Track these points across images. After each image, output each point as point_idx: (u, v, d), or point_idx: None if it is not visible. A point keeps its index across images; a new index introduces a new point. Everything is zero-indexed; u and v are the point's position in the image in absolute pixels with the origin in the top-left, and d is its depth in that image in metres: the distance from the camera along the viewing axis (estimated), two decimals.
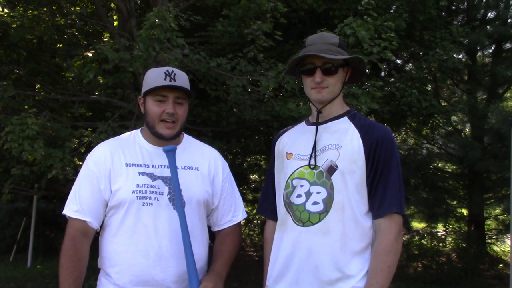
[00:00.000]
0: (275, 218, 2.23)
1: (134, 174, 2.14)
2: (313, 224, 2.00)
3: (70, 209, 2.15)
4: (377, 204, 1.97)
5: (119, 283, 2.10)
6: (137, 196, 2.10)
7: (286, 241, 2.07)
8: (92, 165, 2.19)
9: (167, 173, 2.15)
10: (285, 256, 2.06)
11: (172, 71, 2.18)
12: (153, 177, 2.15)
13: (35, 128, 5.10)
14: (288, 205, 2.10)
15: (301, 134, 2.19)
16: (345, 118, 2.12)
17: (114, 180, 2.14)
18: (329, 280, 1.95)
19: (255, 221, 12.24)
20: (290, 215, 2.08)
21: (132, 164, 2.17)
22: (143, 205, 2.10)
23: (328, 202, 1.99)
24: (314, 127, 2.13)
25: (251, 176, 11.69)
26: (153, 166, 2.18)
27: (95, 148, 2.28)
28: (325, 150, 2.05)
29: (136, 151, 2.22)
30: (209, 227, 2.38)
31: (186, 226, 2.06)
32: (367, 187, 1.99)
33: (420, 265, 9.60)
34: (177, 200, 2.09)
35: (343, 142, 2.03)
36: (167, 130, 2.18)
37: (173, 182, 2.11)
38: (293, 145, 2.18)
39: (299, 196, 2.05)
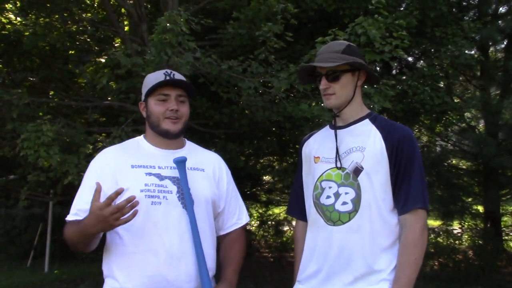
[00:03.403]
0: (304, 219, 2.35)
1: (141, 175, 2.13)
2: (344, 223, 2.10)
3: (69, 214, 2.09)
4: (402, 201, 2.07)
5: (127, 286, 2.03)
6: (145, 195, 2.06)
7: (320, 240, 2.17)
8: (96, 168, 2.18)
9: (174, 173, 2.15)
10: (319, 255, 2.16)
11: (171, 71, 2.21)
12: (160, 177, 2.14)
13: (50, 134, 5.13)
14: (318, 206, 2.20)
15: (326, 138, 2.29)
16: (367, 121, 2.21)
17: (120, 181, 2.09)
18: (360, 274, 2.05)
19: (269, 222, 12.23)
20: (321, 215, 2.18)
21: (138, 165, 2.15)
22: (151, 204, 2.07)
23: (357, 201, 2.09)
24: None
25: (264, 178, 11.69)
26: (159, 167, 2.16)
27: (98, 154, 2.28)
28: (350, 153, 2.15)
29: (142, 154, 2.21)
30: None
31: (196, 226, 2.07)
32: (392, 186, 2.09)
33: (436, 263, 9.53)
34: (187, 200, 2.09)
35: (366, 144, 2.13)
36: (173, 126, 2.19)
37: (184, 190, 2.11)
38: (320, 149, 2.29)
39: (328, 197, 2.15)
